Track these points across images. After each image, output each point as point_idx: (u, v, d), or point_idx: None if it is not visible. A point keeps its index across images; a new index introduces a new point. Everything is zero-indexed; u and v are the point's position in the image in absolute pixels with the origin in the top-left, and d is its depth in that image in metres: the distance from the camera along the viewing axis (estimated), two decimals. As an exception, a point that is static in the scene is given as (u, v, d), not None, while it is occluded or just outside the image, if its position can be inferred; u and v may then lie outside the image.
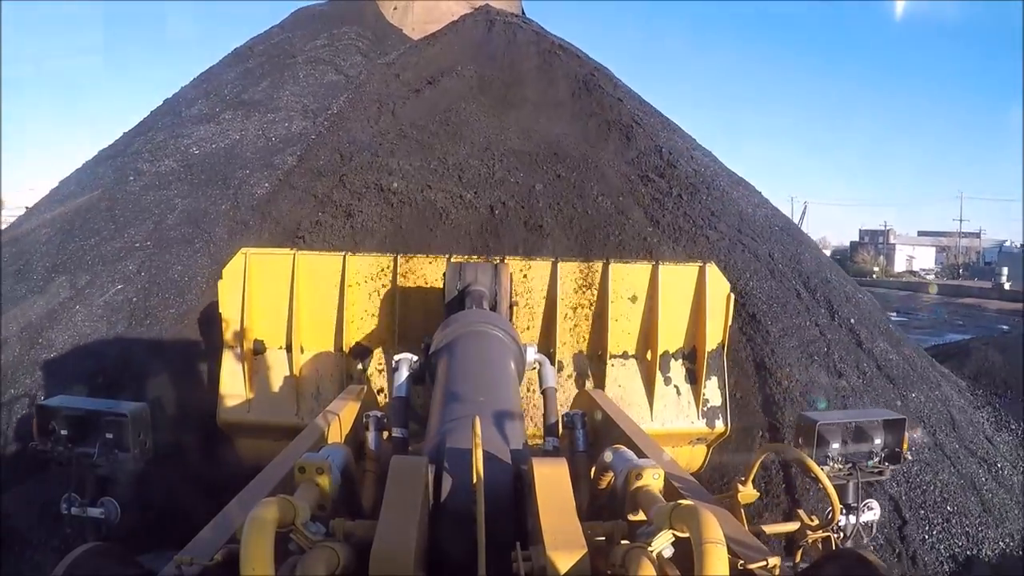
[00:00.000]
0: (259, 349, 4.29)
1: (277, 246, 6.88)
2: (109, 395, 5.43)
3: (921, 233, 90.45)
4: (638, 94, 12.00)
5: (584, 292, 4.43)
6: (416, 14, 12.51)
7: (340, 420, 2.73)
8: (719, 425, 4.46)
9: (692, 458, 4.68)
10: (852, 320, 7.94)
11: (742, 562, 1.57)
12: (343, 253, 4.35)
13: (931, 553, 5.96)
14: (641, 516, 1.71)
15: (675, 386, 4.48)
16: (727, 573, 1.27)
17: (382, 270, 4.30)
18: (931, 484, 6.44)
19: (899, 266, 76.78)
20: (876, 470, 3.61)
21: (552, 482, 1.65)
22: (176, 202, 7.74)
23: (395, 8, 12.72)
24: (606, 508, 1.99)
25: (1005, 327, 29.77)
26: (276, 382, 4.26)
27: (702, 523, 1.32)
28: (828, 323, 7.56)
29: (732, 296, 4.42)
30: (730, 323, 4.43)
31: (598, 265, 4.42)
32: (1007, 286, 46.98)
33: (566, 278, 4.36)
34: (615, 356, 4.44)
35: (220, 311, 4.20)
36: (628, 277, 4.42)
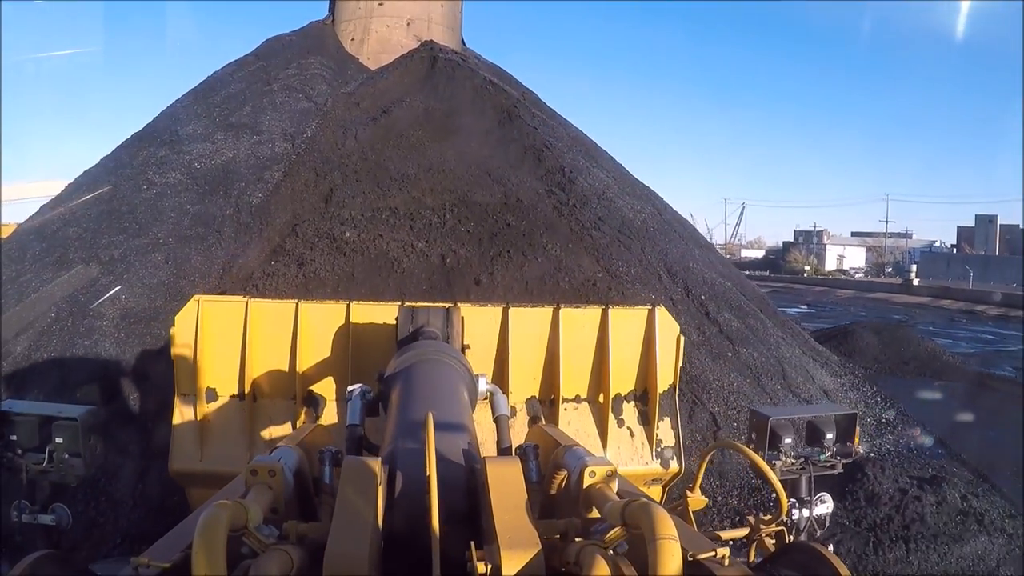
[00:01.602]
0: (212, 397, 4.28)
1: (269, 252, 9.03)
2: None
3: (854, 234, 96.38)
4: (559, 114, 14.77)
5: (535, 337, 4.46)
6: (371, 46, 14.78)
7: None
8: (673, 465, 4.52)
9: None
10: (703, 297, 10.72)
11: (692, 553, 1.56)
12: (296, 300, 4.37)
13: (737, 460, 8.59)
14: (595, 513, 1.72)
15: (628, 428, 4.55)
16: (680, 568, 1.29)
17: (335, 317, 4.32)
18: (744, 410, 9.14)
19: (830, 265, 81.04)
20: (828, 464, 3.72)
21: (505, 481, 1.66)
22: (188, 207, 9.97)
23: (352, 39, 14.97)
24: (560, 506, 2.01)
25: (898, 317, 33.65)
26: (229, 431, 4.23)
27: (655, 519, 1.34)
28: (682, 298, 10.27)
29: (682, 338, 4.55)
30: (680, 364, 4.55)
31: (548, 310, 4.49)
32: (916, 282, 52.01)
33: (517, 323, 4.40)
34: (567, 400, 4.49)
35: (173, 358, 4.18)
36: (578, 321, 4.50)
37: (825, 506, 3.69)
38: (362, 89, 12.87)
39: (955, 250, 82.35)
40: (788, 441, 3.69)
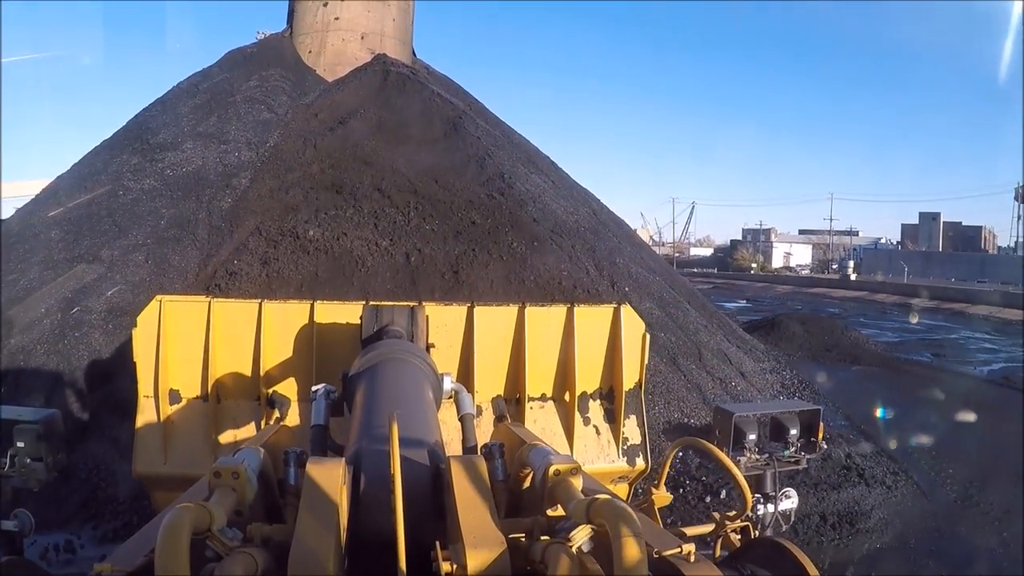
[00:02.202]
0: (175, 399, 4.24)
1: (234, 252, 10.09)
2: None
3: (801, 232, 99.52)
4: (504, 122, 16.15)
5: (501, 336, 4.46)
6: (327, 58, 15.90)
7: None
8: (640, 462, 4.56)
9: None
10: (627, 288, 12.20)
11: (657, 550, 1.57)
12: (259, 300, 4.33)
13: (656, 420, 9.44)
14: (560, 511, 1.72)
15: (594, 426, 4.55)
16: (645, 565, 1.30)
17: (299, 317, 4.29)
18: (662, 384, 10.12)
19: (777, 262, 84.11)
20: (793, 459, 3.78)
21: (470, 480, 1.67)
22: (163, 211, 11.06)
23: (310, 52, 16.06)
24: (526, 505, 2.02)
25: (832, 310, 35.68)
26: (193, 433, 4.20)
27: (619, 516, 1.36)
28: (608, 290, 11.72)
29: (647, 336, 4.58)
30: (646, 362, 4.58)
31: (514, 309, 4.50)
32: (853, 277, 55.07)
33: (482, 322, 4.42)
34: (533, 399, 4.50)
35: (135, 360, 4.11)
36: (544, 320, 4.51)
37: (790, 501, 3.69)
38: (320, 101, 14.04)
39: (900, 247, 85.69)
40: (752, 437, 3.70)
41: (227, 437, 4.23)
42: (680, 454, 7.89)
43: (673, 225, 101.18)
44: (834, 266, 74.75)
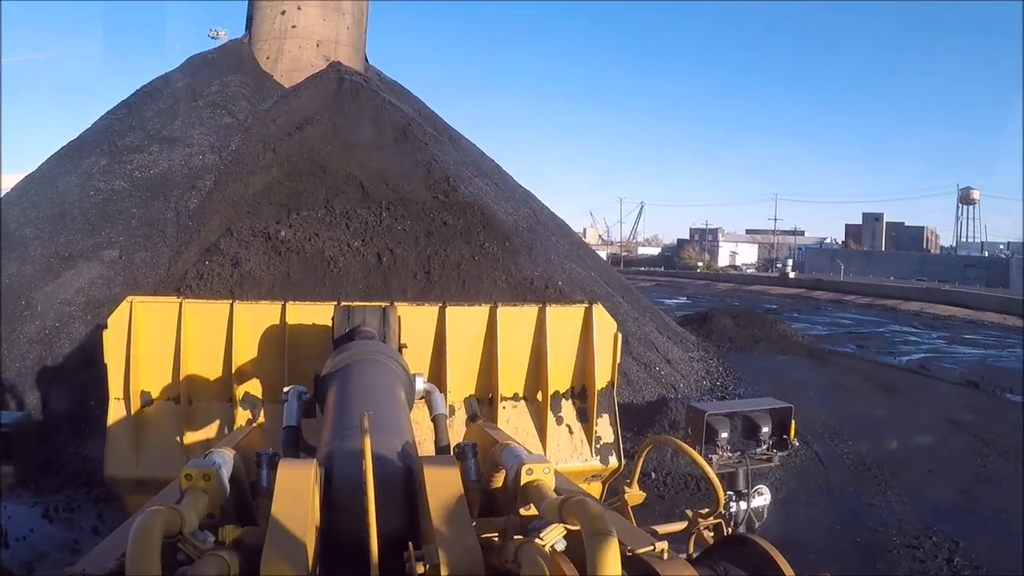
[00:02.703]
0: (147, 400, 4.21)
1: (204, 251, 11.08)
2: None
3: (748, 231, 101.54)
4: (451, 127, 17.39)
5: (473, 335, 4.46)
6: (284, 64, 16.85)
7: None
8: (612, 461, 4.57)
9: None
10: (560, 283, 13.59)
11: (630, 548, 1.58)
12: (230, 301, 4.33)
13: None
14: (533, 511, 1.74)
15: (567, 425, 4.56)
16: (618, 563, 1.30)
17: (271, 317, 4.27)
18: None
19: (723, 261, 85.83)
20: (765, 457, 3.78)
21: (442, 480, 1.68)
22: (133, 211, 12.03)
23: (267, 58, 17.00)
24: (499, 504, 2.04)
25: (769, 306, 36.88)
26: (165, 435, 4.18)
27: (592, 515, 1.37)
28: (541, 286, 13.09)
29: (619, 335, 4.60)
30: (618, 361, 4.59)
31: (485, 308, 4.51)
32: (791, 275, 57.72)
33: (454, 322, 4.41)
34: (506, 398, 4.50)
35: (105, 361, 4.11)
36: (516, 319, 4.51)
37: (763, 498, 3.70)
38: (278, 107, 15.08)
39: (845, 246, 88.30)
40: (724, 435, 3.72)
41: (199, 439, 4.21)
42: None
43: (621, 224, 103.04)
44: (779, 265, 75.79)
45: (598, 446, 4.58)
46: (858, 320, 33.74)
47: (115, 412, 4.18)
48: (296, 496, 1.54)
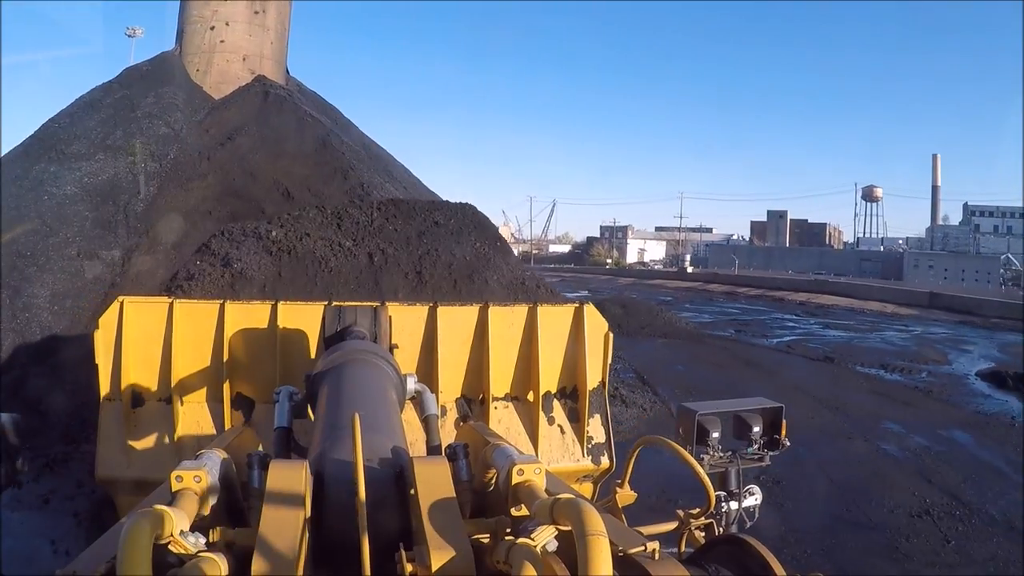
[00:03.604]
0: (138, 401, 4.20)
1: (149, 253, 13.10)
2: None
3: (658, 229, 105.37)
4: (367, 136, 19.65)
5: (464, 335, 4.45)
6: (213, 77, 18.67)
7: None
8: (604, 461, 4.57)
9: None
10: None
11: (622, 548, 1.58)
12: (221, 300, 4.30)
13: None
14: (525, 511, 1.73)
15: (559, 425, 4.56)
16: (610, 564, 1.30)
17: (262, 317, 4.25)
18: None
19: (631, 257, 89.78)
20: (756, 456, 3.85)
21: (434, 481, 1.68)
22: (86, 214, 13.93)
23: (198, 70, 18.80)
24: (490, 505, 2.04)
25: (664, 298, 40.01)
26: (156, 436, 4.17)
27: (584, 516, 1.36)
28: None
29: (611, 335, 4.58)
30: (609, 361, 4.57)
31: (476, 308, 4.49)
32: (689, 270, 61.96)
33: (446, 322, 4.39)
34: (497, 399, 4.49)
35: (96, 362, 4.09)
36: (507, 319, 4.49)
37: (754, 498, 3.71)
38: (209, 119, 17.07)
39: (751, 243, 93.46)
40: (715, 435, 3.71)
41: (190, 440, 4.15)
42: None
43: (531, 222, 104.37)
44: (683, 260, 79.01)
45: (590, 446, 4.60)
46: (745, 310, 36.66)
47: (106, 413, 4.17)
48: (288, 497, 1.57)
